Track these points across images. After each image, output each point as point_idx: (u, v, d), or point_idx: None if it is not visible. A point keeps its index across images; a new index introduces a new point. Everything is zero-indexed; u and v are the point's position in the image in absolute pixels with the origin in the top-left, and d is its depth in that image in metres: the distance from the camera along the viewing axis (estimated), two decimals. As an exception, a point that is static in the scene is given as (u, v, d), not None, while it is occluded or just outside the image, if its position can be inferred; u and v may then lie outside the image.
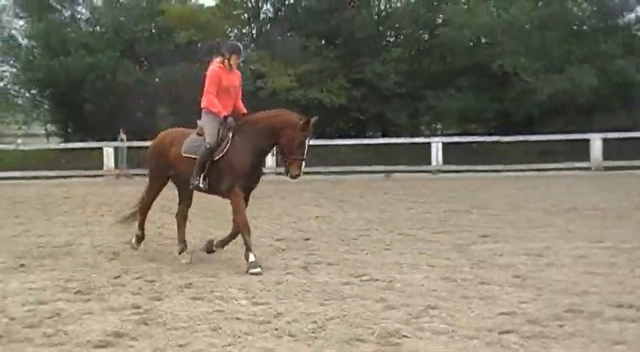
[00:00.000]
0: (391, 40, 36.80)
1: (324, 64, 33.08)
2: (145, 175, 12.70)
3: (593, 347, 5.84)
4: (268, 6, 37.23)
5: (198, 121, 9.93)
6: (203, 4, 37.68)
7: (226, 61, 9.82)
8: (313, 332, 6.31)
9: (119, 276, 8.90)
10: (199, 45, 34.45)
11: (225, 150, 9.47)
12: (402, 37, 36.15)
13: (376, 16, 36.72)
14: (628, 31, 35.51)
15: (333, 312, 6.97)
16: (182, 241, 10.11)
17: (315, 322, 6.63)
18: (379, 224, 13.42)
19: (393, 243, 11.36)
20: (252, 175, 9.64)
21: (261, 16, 36.88)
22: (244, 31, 37.30)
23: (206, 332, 6.35)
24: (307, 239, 11.74)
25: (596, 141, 26.95)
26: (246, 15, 36.56)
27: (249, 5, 36.38)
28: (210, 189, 9.62)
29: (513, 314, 6.82)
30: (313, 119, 9.32)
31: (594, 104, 32.60)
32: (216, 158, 9.48)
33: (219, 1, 36.56)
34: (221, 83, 9.69)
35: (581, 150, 27.27)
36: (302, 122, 9.20)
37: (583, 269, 8.95)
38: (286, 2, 36.47)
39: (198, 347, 5.92)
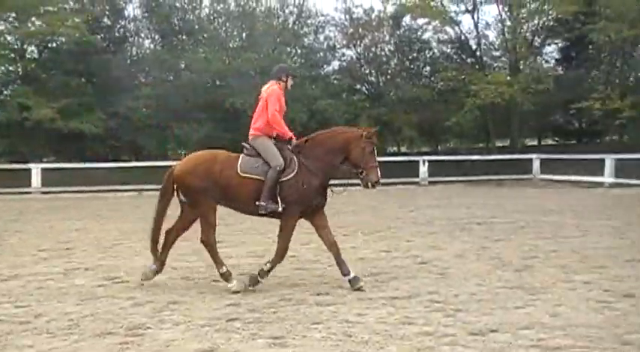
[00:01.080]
0: (142, 80, 36.09)
1: (84, 98, 31.82)
2: None
3: (298, 327, 6.05)
4: (33, 47, 35.21)
5: (244, 144, 8.29)
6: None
7: (283, 83, 8.47)
8: (69, 329, 6.02)
9: None
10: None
11: (294, 172, 7.97)
12: (151, 77, 35.62)
13: (129, 60, 36.02)
14: (328, 79, 37.69)
15: (88, 311, 6.69)
16: (221, 265, 8.04)
17: (72, 320, 6.33)
18: (132, 234, 13.05)
19: (143, 250, 11.09)
20: (323, 193, 8.17)
21: (27, 56, 34.76)
22: (11, 68, 34.87)
23: (-31, 335, 5.85)
24: (68, 248, 11.18)
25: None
26: (12, 54, 34.27)
27: (16, 46, 34.17)
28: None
29: (238, 304, 6.92)
30: (376, 129, 8.41)
31: (305, 135, 34.00)
32: (284, 180, 7.93)
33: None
34: (281, 103, 8.31)
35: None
36: (366, 133, 8.15)
37: (294, 266, 9.25)
38: (49, 45, 34.65)
39: (-39, 349, 5.45)
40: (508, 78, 33.81)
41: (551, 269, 8.89)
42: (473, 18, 36.06)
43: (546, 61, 38.78)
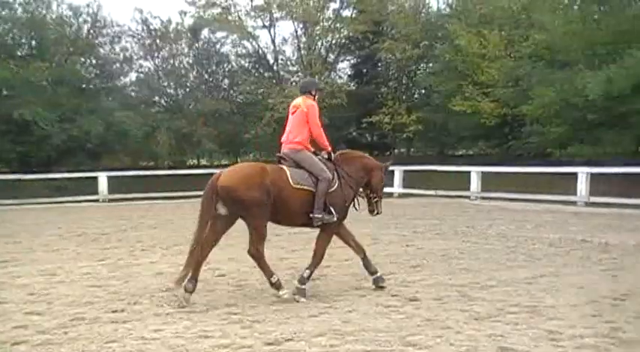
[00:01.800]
0: None
1: None
2: None
3: (92, 346, 5.86)
4: None
5: (282, 155, 8.33)
6: None
7: (312, 96, 8.52)
8: None
9: None
10: None
11: (337, 184, 8.19)
12: None
13: None
14: (125, 91, 36.86)
15: None
16: (271, 274, 8.22)
17: None
18: None
19: None
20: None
21: None
22: None
23: None
24: None
25: (102, 178, 26.94)
26: None
27: None
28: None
29: (25, 327, 6.57)
30: (390, 162, 9.15)
31: (101, 148, 33.06)
32: (329, 191, 8.09)
33: None
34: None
35: (89, 186, 27.12)
36: (385, 166, 8.88)
37: (88, 283, 8.93)
38: None
39: None
40: (304, 92, 34.91)
41: (344, 278, 9.32)
42: (270, 33, 36.90)
43: (340, 77, 40.53)
